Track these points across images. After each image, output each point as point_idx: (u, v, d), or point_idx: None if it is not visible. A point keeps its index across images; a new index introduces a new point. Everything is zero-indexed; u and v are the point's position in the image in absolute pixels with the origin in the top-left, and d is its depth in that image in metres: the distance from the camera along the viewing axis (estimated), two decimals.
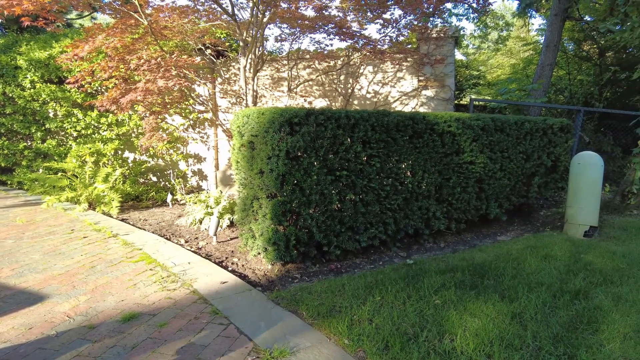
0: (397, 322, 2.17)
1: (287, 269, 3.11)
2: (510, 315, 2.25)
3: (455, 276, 2.80)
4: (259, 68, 5.08)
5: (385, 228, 3.41)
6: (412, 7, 5.41)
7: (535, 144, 4.46)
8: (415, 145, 3.47)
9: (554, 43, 7.58)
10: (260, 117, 3.00)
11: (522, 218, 4.80)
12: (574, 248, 3.50)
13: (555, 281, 2.74)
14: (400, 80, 6.30)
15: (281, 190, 2.91)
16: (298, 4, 4.92)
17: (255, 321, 2.22)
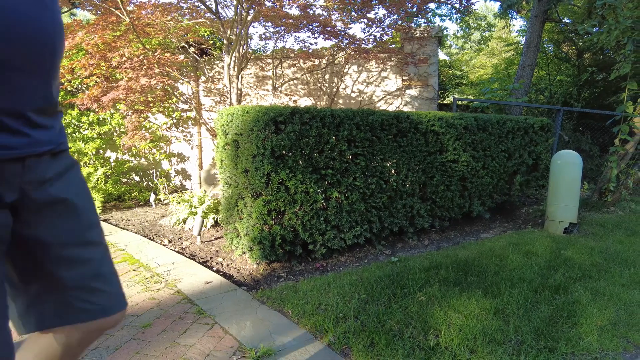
0: (383, 319, 2.19)
1: (273, 268, 3.10)
2: (493, 310, 2.29)
3: (440, 273, 2.84)
4: (243, 66, 5.05)
5: (370, 226, 3.43)
6: (396, 7, 5.45)
7: (517, 142, 4.54)
8: (399, 144, 3.50)
9: (535, 44, 7.73)
10: (244, 116, 2.98)
11: (505, 215, 4.89)
12: (555, 244, 3.58)
13: (536, 277, 2.80)
14: (385, 80, 6.34)
15: (266, 189, 2.90)
16: (282, 3, 4.91)
17: (240, 320, 2.21)
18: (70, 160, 0.99)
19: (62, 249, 0.92)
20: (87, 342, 1.02)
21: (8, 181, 0.83)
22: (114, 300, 1.00)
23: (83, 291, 0.95)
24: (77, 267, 0.94)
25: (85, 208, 0.97)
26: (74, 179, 0.97)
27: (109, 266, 1.01)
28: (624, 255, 3.32)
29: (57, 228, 0.92)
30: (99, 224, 1.01)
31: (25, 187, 0.86)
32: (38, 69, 0.84)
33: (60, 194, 0.92)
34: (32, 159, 0.86)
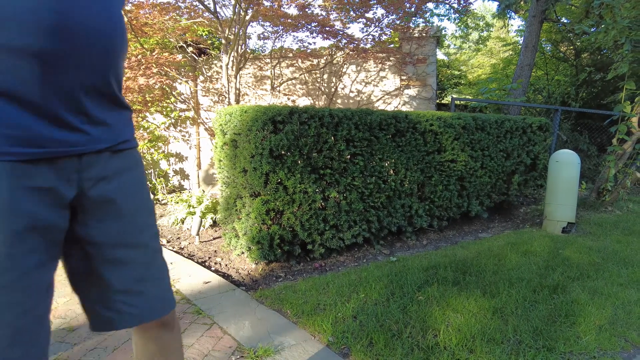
0: (381, 318, 2.19)
1: (271, 267, 3.10)
2: (492, 310, 2.29)
3: (438, 273, 2.84)
4: (241, 66, 5.04)
5: (369, 226, 3.43)
6: (394, 6, 5.46)
7: (515, 142, 4.55)
8: (397, 144, 3.50)
9: (533, 44, 7.75)
10: (243, 115, 2.98)
11: (503, 215, 4.90)
12: (553, 244, 3.59)
13: (534, 276, 2.80)
14: (383, 80, 6.34)
15: (265, 189, 2.90)
16: (281, 2, 4.90)
17: (239, 320, 2.21)
18: (133, 160, 0.99)
19: (110, 251, 0.92)
20: (154, 337, 1.07)
21: (68, 178, 0.84)
22: (160, 303, 1.00)
23: (127, 294, 0.95)
24: (125, 269, 0.94)
25: (137, 210, 0.97)
26: (131, 179, 0.97)
27: (157, 270, 1.00)
28: (622, 254, 3.33)
29: (107, 228, 0.92)
30: (152, 227, 1.01)
31: (83, 185, 0.87)
32: (96, 67, 0.85)
33: (112, 194, 0.92)
34: (89, 156, 0.87)
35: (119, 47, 0.90)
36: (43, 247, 0.81)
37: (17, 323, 0.76)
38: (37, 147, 0.78)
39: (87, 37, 0.80)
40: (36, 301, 0.80)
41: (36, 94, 0.77)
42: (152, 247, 1.00)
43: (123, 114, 0.97)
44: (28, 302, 0.77)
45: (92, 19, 0.81)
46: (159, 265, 1.01)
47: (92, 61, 0.83)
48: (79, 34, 0.79)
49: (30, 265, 0.77)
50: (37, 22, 0.73)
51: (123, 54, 0.93)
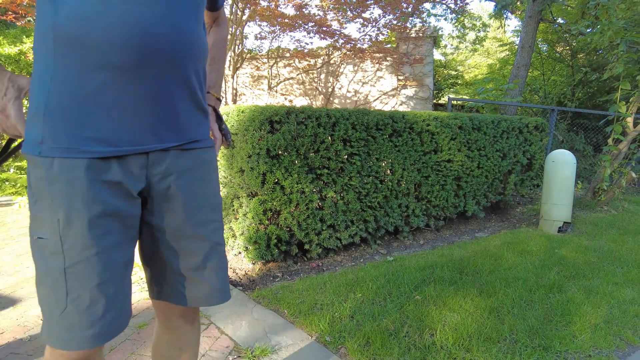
0: (378, 318, 2.19)
1: (269, 267, 3.10)
2: (488, 309, 2.30)
3: (435, 272, 2.85)
4: (238, 66, 5.04)
5: (366, 226, 3.44)
6: (391, 6, 5.47)
7: (512, 142, 4.56)
8: (394, 144, 3.51)
9: (529, 44, 7.78)
10: (240, 115, 2.98)
11: (499, 215, 4.91)
12: (549, 243, 3.61)
13: (531, 276, 2.82)
14: (380, 80, 6.35)
15: (262, 188, 2.90)
16: (278, 2, 4.90)
17: (236, 320, 2.21)
18: (201, 159, 1.06)
19: (172, 239, 1.03)
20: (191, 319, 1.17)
21: (136, 173, 0.93)
22: (213, 293, 1.08)
23: (185, 279, 1.06)
24: (184, 257, 1.04)
25: (199, 206, 1.05)
26: (196, 177, 1.04)
27: (214, 262, 1.07)
28: (617, 254, 3.35)
29: (170, 219, 1.01)
30: (213, 222, 1.08)
31: (151, 179, 0.97)
32: (178, 74, 0.94)
33: (175, 190, 1.00)
34: (155, 154, 0.96)
35: (197, 54, 0.99)
36: (118, 230, 0.93)
37: (95, 291, 0.90)
38: (109, 146, 0.89)
39: (156, 48, 0.88)
40: (112, 274, 0.93)
41: (113, 97, 0.87)
42: (213, 240, 1.07)
43: (197, 115, 1.04)
44: (104, 274, 0.90)
45: (167, 33, 0.90)
46: (218, 258, 1.08)
47: (173, 70, 0.93)
48: (154, 48, 0.88)
49: (106, 245, 0.90)
50: (126, 42, 0.84)
51: (202, 59, 1.02)
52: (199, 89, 1.03)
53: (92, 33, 0.82)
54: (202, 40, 1.01)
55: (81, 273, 0.88)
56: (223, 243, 1.11)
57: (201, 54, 1.01)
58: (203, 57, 1.03)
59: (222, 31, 1.30)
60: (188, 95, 0.99)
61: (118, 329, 0.96)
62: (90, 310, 0.90)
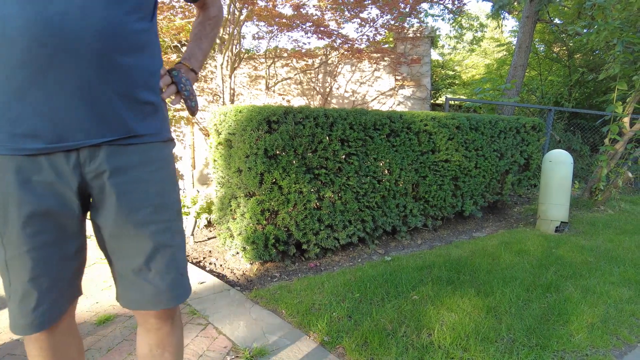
0: (376, 318, 2.19)
1: (266, 267, 3.10)
2: (486, 309, 2.31)
3: (432, 272, 2.85)
4: (236, 66, 5.04)
5: (364, 226, 3.44)
6: (389, 6, 5.47)
7: (509, 142, 4.58)
8: (392, 144, 3.51)
9: (526, 44, 7.80)
10: (237, 115, 2.97)
11: (497, 215, 4.93)
12: (546, 243, 3.62)
13: (528, 275, 2.82)
14: (378, 80, 6.36)
15: (260, 188, 2.90)
16: (275, 2, 4.90)
17: (234, 320, 2.21)
18: (146, 156, 1.02)
19: (112, 239, 1.02)
20: (157, 326, 1.13)
21: (66, 171, 0.93)
22: (158, 297, 1.04)
23: (127, 281, 1.04)
24: (125, 258, 1.02)
25: (139, 205, 1.00)
26: (136, 175, 1.00)
27: (159, 264, 1.03)
28: (614, 253, 3.36)
29: (106, 217, 1.00)
30: (159, 222, 1.03)
31: (86, 177, 0.96)
32: (93, 65, 0.90)
33: (111, 187, 0.97)
34: (87, 150, 0.94)
35: (129, 46, 0.95)
36: (51, 228, 0.95)
37: (27, 285, 0.95)
38: (37, 142, 0.89)
39: (75, 42, 0.87)
40: (46, 270, 0.96)
41: (38, 92, 0.87)
42: (157, 241, 1.02)
43: (138, 109, 1.00)
44: (36, 270, 0.95)
45: (85, 27, 0.88)
46: (165, 260, 1.04)
47: (99, 64, 0.90)
48: (72, 42, 0.86)
49: (38, 243, 0.94)
50: (43, 37, 0.84)
51: (139, 50, 0.98)
52: (142, 82, 0.99)
53: (10, 31, 0.83)
54: (136, 32, 0.96)
55: (17, 267, 0.95)
56: (173, 244, 1.06)
57: (136, 46, 0.97)
58: (141, 48, 0.98)
59: (208, 12, 1.28)
60: (123, 89, 0.95)
61: (54, 318, 1.01)
62: (23, 302, 0.96)
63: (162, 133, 1.07)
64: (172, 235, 1.05)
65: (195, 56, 1.22)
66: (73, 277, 1.04)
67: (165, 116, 1.09)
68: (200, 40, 1.25)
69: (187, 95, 1.14)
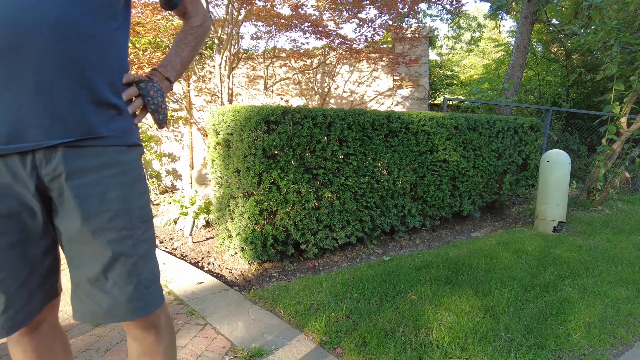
0: (375, 318, 2.20)
1: (265, 268, 3.10)
2: (484, 309, 2.31)
3: (431, 272, 2.86)
4: (234, 66, 5.03)
5: (362, 226, 3.44)
6: (387, 7, 5.48)
7: (507, 142, 4.59)
8: (390, 144, 3.51)
9: (524, 45, 7.82)
10: (236, 115, 2.97)
11: (495, 214, 4.94)
12: (544, 243, 3.63)
13: (526, 275, 2.83)
14: (376, 80, 6.36)
15: (258, 189, 2.90)
16: (274, 2, 4.90)
17: (232, 321, 2.21)
18: (108, 158, 0.97)
19: (69, 244, 0.97)
20: (133, 337, 1.10)
21: (22, 173, 0.89)
22: (115, 309, 0.98)
23: (81, 290, 0.99)
24: (80, 265, 0.98)
25: (100, 211, 0.95)
26: (98, 178, 0.95)
27: (118, 274, 0.97)
28: (611, 253, 3.37)
29: (63, 221, 0.95)
30: (119, 229, 0.98)
31: (44, 179, 0.92)
32: (47, 62, 0.87)
33: (69, 191, 0.93)
34: (43, 152, 0.89)
35: (91, 47, 0.92)
36: (15, 230, 0.93)
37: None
38: None
39: (28, 38, 0.84)
40: (12, 272, 0.95)
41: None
42: (116, 249, 0.97)
43: (100, 110, 0.95)
44: (3, 272, 0.93)
45: (40, 23, 0.85)
46: (124, 270, 0.98)
47: (55, 62, 0.87)
48: (25, 37, 0.84)
49: (3, 245, 0.92)
50: None
51: (101, 51, 0.94)
52: (106, 83, 0.96)
53: None
54: (100, 31, 0.93)
55: None
56: (134, 254, 1.00)
57: (99, 46, 0.94)
58: (104, 48, 0.95)
59: (190, 21, 1.25)
60: (84, 89, 0.92)
61: (25, 320, 0.99)
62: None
63: (126, 137, 1.02)
64: (134, 244, 0.99)
65: (172, 64, 1.18)
66: (44, 278, 1.01)
67: (131, 119, 1.05)
68: (180, 49, 1.21)
69: (153, 109, 1.09)
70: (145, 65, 4.59)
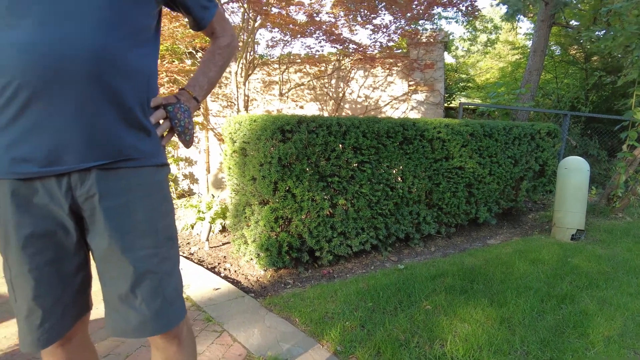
0: (389, 328, 2.20)
1: (280, 274, 3.13)
2: (499, 320, 2.30)
3: (446, 281, 2.85)
4: (250, 73, 5.09)
5: (377, 233, 3.45)
6: (402, 12, 5.48)
7: (524, 148, 4.54)
8: (405, 151, 3.52)
9: (541, 48, 7.71)
10: (252, 125, 3.02)
11: (511, 221, 4.88)
12: (562, 251, 3.58)
13: (543, 285, 2.80)
14: (391, 85, 6.36)
15: (273, 196, 2.93)
16: (289, 10, 4.95)
17: (248, 328, 2.24)
18: (136, 180, 1.02)
19: (100, 262, 1.03)
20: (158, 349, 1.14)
21: (58, 195, 0.95)
22: (144, 325, 1.02)
23: (112, 307, 1.04)
24: (111, 283, 1.03)
25: (128, 230, 1.00)
26: (127, 199, 1.00)
27: (145, 291, 1.02)
28: (633, 263, 3.30)
29: (95, 240, 1.01)
30: (146, 248, 1.02)
31: (78, 200, 0.97)
32: (86, 91, 0.92)
33: (101, 211, 0.98)
34: (77, 174, 0.95)
35: (125, 72, 0.97)
36: (51, 248, 0.98)
37: (31, 303, 0.98)
38: (31, 166, 0.92)
39: (68, 68, 0.89)
40: (49, 288, 1.00)
41: (33, 117, 0.90)
42: (143, 267, 1.01)
43: (132, 133, 1.01)
44: (38, 288, 0.98)
45: (78, 54, 0.90)
46: (151, 287, 1.02)
47: (93, 89, 0.92)
48: (65, 68, 0.89)
49: (39, 262, 0.97)
50: (36, 64, 0.87)
51: (135, 76, 1.00)
52: (137, 106, 1.01)
53: (6, 60, 0.87)
54: (132, 57, 0.98)
55: (20, 286, 0.99)
56: (159, 271, 1.04)
57: (132, 71, 0.99)
58: (136, 73, 1.00)
59: (218, 41, 1.27)
60: (116, 113, 0.96)
61: (59, 334, 1.04)
62: (29, 319, 1.00)
63: (155, 157, 1.07)
64: (159, 262, 1.04)
65: (200, 84, 1.22)
66: (77, 293, 1.07)
67: (158, 140, 1.09)
68: (207, 69, 1.25)
69: (180, 131, 1.13)
70: (163, 73, 4.68)
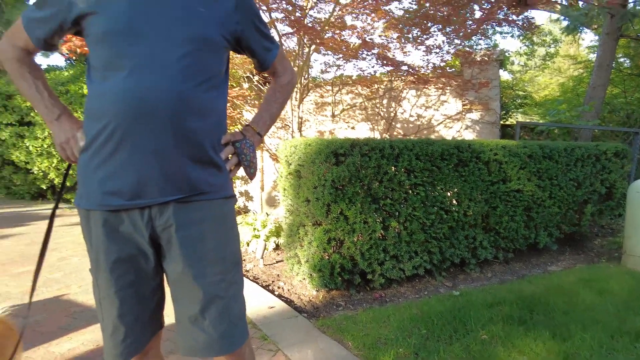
0: (444, 357, 2.17)
1: (332, 295, 3.17)
2: (563, 355, 2.19)
3: (503, 310, 2.75)
4: (304, 96, 5.27)
5: (430, 257, 3.40)
6: (455, 32, 5.45)
7: (587, 170, 4.30)
8: (460, 174, 3.47)
9: (607, 63, 7.30)
10: (307, 148, 3.12)
11: (574, 247, 4.60)
12: (634, 282, 3.32)
13: (612, 319, 2.62)
14: (444, 104, 6.29)
15: (326, 218, 3.00)
16: (342, 34, 5.09)
17: (302, 349, 2.29)
18: (207, 212, 1.13)
19: (174, 286, 1.14)
20: None
21: (140, 225, 1.08)
22: (211, 345, 1.12)
23: (183, 328, 1.14)
24: (183, 306, 1.14)
25: (199, 258, 1.11)
26: (199, 229, 1.12)
27: (213, 314, 1.11)
28: None
29: (170, 266, 1.13)
30: (215, 274, 1.12)
31: (157, 229, 1.10)
32: (165, 133, 1.05)
33: (177, 240, 1.10)
34: (157, 207, 1.08)
35: (198, 113, 1.09)
36: (133, 271, 1.11)
37: (116, 321, 1.11)
38: (120, 199, 1.06)
39: (151, 112, 1.03)
40: (130, 307, 1.12)
41: (122, 156, 1.04)
42: (212, 292, 1.11)
43: (204, 169, 1.12)
44: (122, 308, 1.11)
45: (161, 100, 1.04)
46: (218, 311, 1.12)
47: (171, 130, 1.05)
48: (151, 112, 1.03)
49: (122, 284, 1.10)
50: (128, 109, 1.02)
51: (208, 117, 1.12)
52: (210, 144, 1.12)
53: (104, 105, 1.03)
54: (205, 100, 1.10)
55: (107, 305, 1.11)
56: (226, 296, 1.13)
57: (204, 112, 1.10)
58: (208, 114, 1.12)
59: (280, 79, 1.38)
60: (191, 151, 1.08)
61: (139, 348, 1.15)
62: (114, 336, 1.12)
63: (224, 190, 1.18)
64: (226, 287, 1.14)
65: (263, 119, 1.33)
66: (153, 313, 1.19)
67: (227, 174, 1.20)
68: (270, 106, 1.37)
69: (247, 165, 1.24)
70: None
